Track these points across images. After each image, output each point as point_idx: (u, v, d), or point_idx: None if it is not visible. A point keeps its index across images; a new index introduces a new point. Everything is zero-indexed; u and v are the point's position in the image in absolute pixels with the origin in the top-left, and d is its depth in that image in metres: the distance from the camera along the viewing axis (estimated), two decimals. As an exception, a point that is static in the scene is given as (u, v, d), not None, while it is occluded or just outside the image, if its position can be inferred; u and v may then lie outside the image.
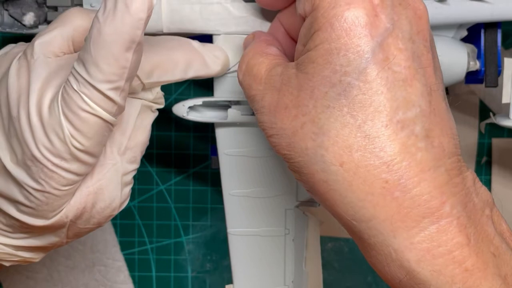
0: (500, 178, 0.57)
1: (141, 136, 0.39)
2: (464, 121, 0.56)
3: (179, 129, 0.57)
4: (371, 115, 0.31)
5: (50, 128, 0.33)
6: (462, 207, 0.31)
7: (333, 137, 0.31)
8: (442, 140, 0.31)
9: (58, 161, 0.34)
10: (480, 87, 0.55)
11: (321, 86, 0.31)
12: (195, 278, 0.59)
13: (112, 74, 0.33)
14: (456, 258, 0.30)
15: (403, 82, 0.31)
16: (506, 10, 0.41)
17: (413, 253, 0.31)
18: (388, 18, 0.31)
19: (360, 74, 0.31)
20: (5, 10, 0.42)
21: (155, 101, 0.39)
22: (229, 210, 0.45)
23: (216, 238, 0.58)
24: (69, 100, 0.33)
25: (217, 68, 0.40)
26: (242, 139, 0.43)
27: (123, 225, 0.58)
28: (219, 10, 0.41)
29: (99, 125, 0.34)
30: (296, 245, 0.45)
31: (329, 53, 0.31)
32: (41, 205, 0.35)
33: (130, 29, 0.32)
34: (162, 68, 0.38)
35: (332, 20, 0.31)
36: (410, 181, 0.30)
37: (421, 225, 0.30)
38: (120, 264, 0.59)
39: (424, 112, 0.31)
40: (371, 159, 0.31)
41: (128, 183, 0.39)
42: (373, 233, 0.31)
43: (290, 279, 0.46)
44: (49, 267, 0.58)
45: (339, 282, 0.59)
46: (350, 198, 0.31)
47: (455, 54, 0.42)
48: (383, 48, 0.31)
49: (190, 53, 0.39)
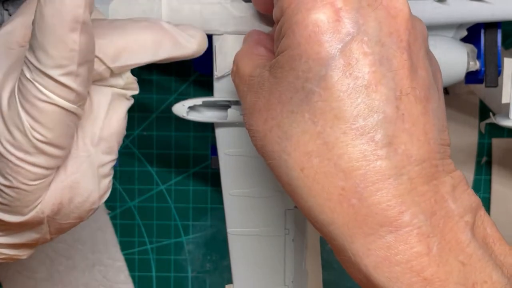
0: (500, 178, 0.57)
1: (115, 125, 0.37)
2: (464, 121, 0.56)
3: (179, 129, 0.57)
4: (330, 122, 0.30)
5: (11, 121, 0.32)
6: (427, 216, 0.30)
7: (295, 143, 0.31)
8: (409, 147, 0.31)
9: (22, 155, 0.33)
10: (480, 87, 0.55)
11: (287, 92, 0.31)
12: (195, 278, 0.59)
13: (61, 58, 0.31)
14: (414, 268, 0.30)
15: (365, 88, 0.30)
16: (506, 10, 0.41)
17: (370, 259, 0.30)
18: (352, 21, 0.30)
19: (320, 81, 0.30)
20: (5, 10, 0.42)
21: (127, 86, 0.37)
22: (229, 210, 0.45)
23: (216, 238, 0.58)
24: (24, 90, 0.32)
25: (192, 48, 0.38)
26: (242, 139, 0.43)
27: (123, 225, 0.58)
28: (219, 10, 0.41)
29: (58, 114, 0.32)
30: (296, 245, 0.45)
31: (292, 59, 0.31)
32: (13, 201, 0.34)
33: (71, 8, 0.31)
34: (129, 50, 0.36)
35: (293, 27, 0.31)
36: (367, 189, 0.30)
37: (379, 233, 0.30)
38: (120, 264, 0.59)
39: (389, 118, 0.30)
40: (329, 166, 0.30)
41: (106, 175, 0.37)
42: (333, 237, 0.31)
43: (290, 279, 0.46)
44: (49, 267, 0.58)
45: (339, 282, 0.59)
46: (311, 203, 0.31)
47: (455, 54, 0.42)
48: (345, 53, 0.30)
49: (160, 34, 0.37)
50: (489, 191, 0.57)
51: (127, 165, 0.57)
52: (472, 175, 0.57)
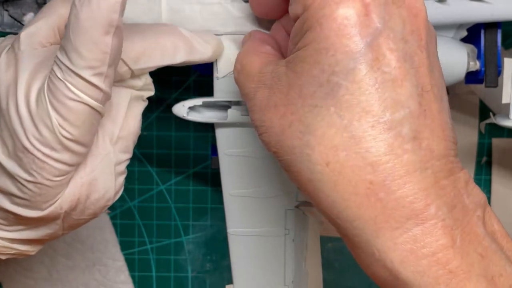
0: (500, 178, 0.57)
1: (132, 125, 0.39)
2: (464, 121, 0.56)
3: (179, 129, 0.57)
4: (357, 115, 0.30)
5: (39, 118, 0.34)
6: (449, 209, 0.31)
7: (319, 137, 0.31)
8: (431, 142, 0.31)
9: (49, 151, 0.34)
10: (480, 87, 0.55)
11: (310, 85, 0.31)
12: (195, 278, 0.59)
13: (93, 60, 0.33)
14: (440, 260, 0.30)
15: (392, 82, 0.31)
16: (506, 10, 0.41)
17: (396, 253, 0.31)
18: (379, 17, 0.31)
19: (348, 74, 0.30)
20: (5, 11, 0.42)
21: (145, 87, 0.39)
22: (229, 210, 0.45)
23: (216, 238, 0.58)
24: (55, 89, 0.33)
25: (207, 53, 0.40)
26: (242, 139, 0.43)
27: (123, 225, 0.58)
28: (219, 10, 0.41)
29: (86, 113, 0.34)
30: (296, 245, 0.45)
31: (318, 53, 0.31)
32: (34, 196, 0.35)
33: (106, 12, 0.32)
34: (149, 53, 0.38)
35: (321, 20, 0.31)
36: (394, 182, 0.30)
37: (405, 226, 0.30)
38: (120, 264, 0.59)
39: (413, 114, 0.31)
40: (356, 159, 0.30)
41: (122, 173, 0.39)
42: (357, 233, 0.31)
43: (290, 279, 0.46)
44: (49, 267, 0.58)
45: (339, 282, 0.59)
46: (335, 198, 0.31)
47: (455, 54, 0.42)
48: (373, 48, 0.30)
49: (178, 38, 0.39)
50: (489, 191, 0.57)
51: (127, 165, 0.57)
52: (472, 175, 0.57)
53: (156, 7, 0.40)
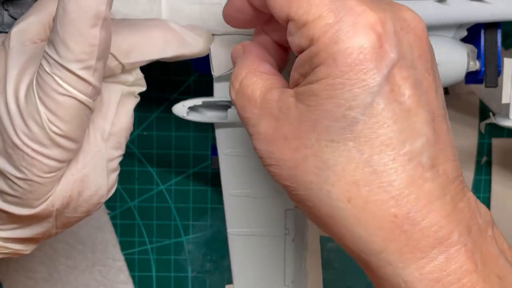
0: (500, 178, 0.57)
1: (124, 121, 0.38)
2: (464, 121, 0.56)
3: (179, 129, 0.57)
4: (377, 149, 0.30)
5: (28, 114, 0.33)
6: (468, 232, 0.31)
7: (339, 172, 0.31)
8: (446, 166, 0.31)
9: (38, 148, 0.34)
10: (480, 87, 0.55)
11: (324, 120, 0.31)
12: (195, 278, 0.59)
13: (81, 53, 0.32)
14: (465, 286, 0.30)
15: (408, 112, 0.30)
16: (506, 10, 0.41)
17: (422, 283, 0.30)
18: (391, 46, 0.30)
19: (366, 109, 0.30)
20: (5, 10, 0.42)
21: (136, 83, 0.38)
22: (229, 210, 0.45)
23: (216, 238, 0.58)
24: (43, 83, 0.33)
25: (198, 47, 0.39)
26: (242, 139, 0.43)
27: (123, 225, 0.58)
28: (219, 10, 0.41)
29: (75, 107, 0.33)
30: (296, 245, 0.45)
31: (333, 88, 0.30)
32: (25, 193, 0.35)
33: (94, 4, 0.31)
34: (140, 47, 0.37)
35: (335, 56, 0.30)
36: (418, 213, 0.30)
37: (430, 256, 0.30)
38: (120, 264, 0.59)
39: (430, 141, 0.31)
40: (379, 194, 0.30)
41: (114, 170, 0.38)
42: (382, 265, 0.31)
43: (290, 279, 0.46)
44: (49, 267, 0.58)
45: (339, 282, 0.59)
46: (358, 233, 0.31)
47: (455, 54, 0.42)
48: (389, 79, 0.30)
49: (168, 32, 0.38)
50: (489, 191, 0.57)
51: (127, 165, 0.57)
52: (472, 175, 0.57)
53: (156, 7, 0.40)
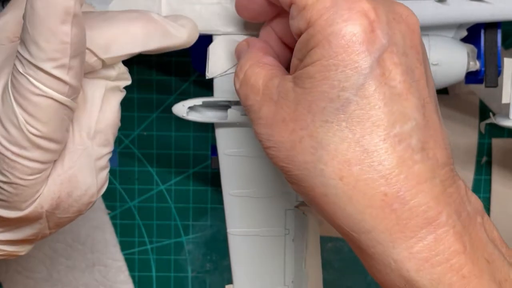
0: (500, 178, 0.57)
1: (110, 117, 0.37)
2: (464, 121, 0.56)
3: (179, 129, 0.57)
4: (369, 130, 0.31)
5: (5, 116, 0.33)
6: (457, 216, 0.32)
7: (332, 152, 0.32)
8: (436, 151, 0.32)
9: (18, 150, 0.33)
10: (480, 87, 0.55)
11: (319, 101, 0.32)
12: (195, 278, 0.59)
13: (53, 51, 0.31)
14: (453, 266, 0.31)
15: (399, 96, 0.31)
16: (506, 10, 0.41)
17: (412, 262, 0.31)
18: (383, 33, 0.31)
19: (358, 90, 0.31)
20: (5, 10, 0.42)
21: (120, 77, 0.38)
22: (229, 210, 0.45)
23: (216, 238, 0.58)
24: (18, 84, 0.32)
25: (182, 37, 0.38)
26: (242, 139, 0.43)
27: (123, 225, 0.58)
28: (219, 10, 0.41)
29: (52, 108, 0.33)
30: (296, 245, 0.45)
31: (327, 69, 0.31)
32: (11, 196, 0.34)
33: (61, 0, 0.31)
34: (119, 41, 0.36)
35: (329, 38, 0.31)
36: (408, 193, 0.31)
37: (419, 235, 0.31)
38: (120, 264, 0.59)
39: (419, 125, 0.32)
40: (370, 172, 0.31)
41: (103, 168, 0.37)
42: (372, 244, 0.32)
43: (290, 279, 0.46)
44: (49, 267, 0.58)
45: (339, 282, 0.59)
46: (349, 211, 0.32)
47: (455, 54, 0.42)
48: (380, 63, 0.31)
49: (150, 24, 0.37)
50: (489, 191, 0.57)
51: (127, 165, 0.57)
52: (472, 175, 0.57)
53: (156, 7, 0.40)
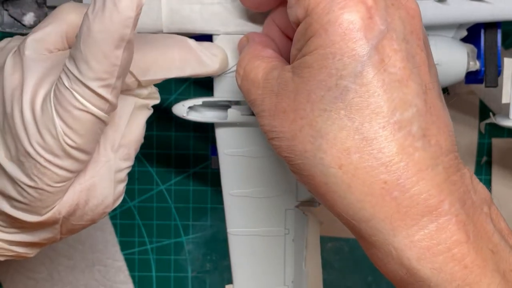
0: (500, 178, 0.57)
1: (135, 133, 0.39)
2: (464, 121, 0.56)
3: (179, 129, 0.57)
4: (368, 117, 0.31)
5: (43, 124, 0.34)
6: (461, 204, 0.31)
7: (331, 140, 0.31)
8: (439, 138, 0.32)
9: (51, 158, 0.34)
10: (480, 87, 0.55)
11: (317, 90, 0.32)
12: (195, 278, 0.59)
13: (102, 72, 0.33)
14: (455, 256, 0.31)
15: (399, 83, 0.31)
16: (506, 10, 0.41)
17: (413, 251, 0.31)
18: (382, 19, 0.31)
19: (356, 78, 0.31)
20: (5, 10, 0.42)
21: (150, 96, 0.39)
22: (229, 210, 0.45)
23: (216, 238, 0.58)
24: (61, 97, 0.33)
25: (214, 66, 0.40)
26: (242, 139, 0.43)
27: (123, 225, 0.58)
28: (219, 10, 0.41)
29: (91, 122, 0.34)
30: (296, 245, 0.45)
31: (324, 58, 0.31)
32: (34, 201, 0.35)
33: (119, 27, 0.32)
34: (157, 65, 0.38)
35: (326, 26, 0.31)
36: (408, 180, 0.31)
37: (421, 224, 0.31)
38: (120, 264, 0.59)
39: (421, 112, 0.31)
40: (369, 160, 0.31)
41: (122, 181, 0.39)
42: (373, 232, 0.32)
43: (290, 279, 0.46)
44: (49, 267, 0.58)
45: (339, 282, 0.59)
46: (349, 199, 0.32)
47: (455, 54, 0.42)
48: (378, 50, 0.31)
49: (186, 51, 0.39)
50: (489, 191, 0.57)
51: (127, 166, 0.57)
52: (472, 175, 0.57)
53: (156, 7, 0.40)
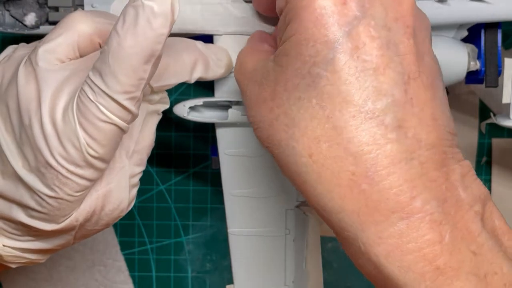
0: (500, 178, 0.57)
1: (147, 139, 0.39)
2: (464, 121, 0.56)
3: (179, 129, 0.57)
4: (339, 106, 0.30)
5: (65, 136, 0.33)
6: (439, 202, 0.30)
7: (303, 129, 0.31)
8: (418, 131, 0.30)
9: (73, 168, 0.34)
10: (480, 87, 0.55)
11: (294, 78, 0.31)
12: (195, 278, 0.59)
13: (130, 86, 0.33)
14: (426, 256, 0.30)
15: (373, 71, 0.30)
16: (506, 10, 0.41)
17: (381, 247, 0.30)
18: (358, 5, 0.30)
19: (328, 65, 0.30)
20: (7, 11, 0.42)
21: (161, 101, 0.39)
22: (229, 210, 0.45)
23: (216, 238, 0.58)
24: (85, 109, 0.33)
25: (220, 71, 0.40)
26: (243, 139, 0.43)
27: (123, 225, 0.58)
28: (220, 10, 0.41)
29: (114, 132, 0.34)
30: (297, 245, 0.45)
31: (299, 44, 0.31)
32: (53, 210, 0.35)
33: (151, 43, 0.32)
34: (170, 71, 0.38)
35: (300, 12, 0.31)
36: (377, 173, 0.30)
37: (390, 220, 0.30)
38: (120, 264, 0.58)
39: (398, 102, 0.30)
40: (338, 150, 0.30)
41: (135, 185, 0.39)
42: (343, 226, 0.31)
43: (290, 279, 0.46)
44: (50, 267, 0.58)
45: (339, 282, 0.59)
46: (320, 190, 0.31)
47: (455, 54, 0.42)
48: (352, 37, 0.30)
49: (195, 55, 0.39)
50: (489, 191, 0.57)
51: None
52: (472, 175, 0.57)
53: (156, 7, 0.40)
